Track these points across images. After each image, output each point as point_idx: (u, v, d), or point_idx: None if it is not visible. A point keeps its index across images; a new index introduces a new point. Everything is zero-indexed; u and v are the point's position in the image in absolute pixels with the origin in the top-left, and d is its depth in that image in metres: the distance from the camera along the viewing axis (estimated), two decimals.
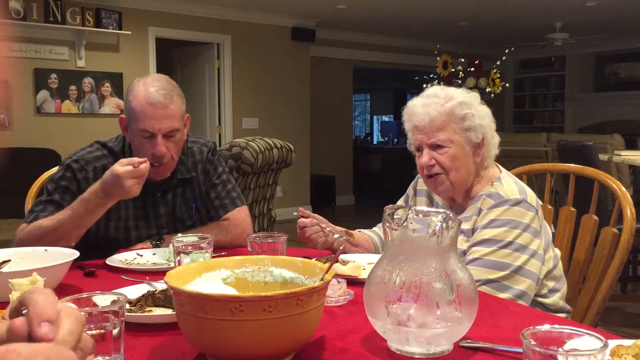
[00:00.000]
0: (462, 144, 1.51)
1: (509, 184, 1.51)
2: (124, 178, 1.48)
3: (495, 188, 1.50)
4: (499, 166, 1.61)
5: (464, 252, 1.46)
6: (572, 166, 1.83)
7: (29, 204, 1.98)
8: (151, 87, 1.68)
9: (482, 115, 1.52)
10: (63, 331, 0.54)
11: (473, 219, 1.49)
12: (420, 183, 1.73)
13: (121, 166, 1.49)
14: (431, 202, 1.68)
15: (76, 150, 1.81)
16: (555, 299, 1.50)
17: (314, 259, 1.10)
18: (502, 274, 1.38)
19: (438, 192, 1.61)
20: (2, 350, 0.46)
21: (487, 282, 1.38)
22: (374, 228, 1.83)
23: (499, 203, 1.45)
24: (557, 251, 1.56)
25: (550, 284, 1.50)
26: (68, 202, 1.70)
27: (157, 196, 1.82)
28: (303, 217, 1.62)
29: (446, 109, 1.49)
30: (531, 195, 1.49)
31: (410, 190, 1.77)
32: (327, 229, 1.60)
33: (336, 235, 1.59)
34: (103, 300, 0.91)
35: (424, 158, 1.53)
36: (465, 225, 1.50)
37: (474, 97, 1.55)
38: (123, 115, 1.76)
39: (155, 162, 1.70)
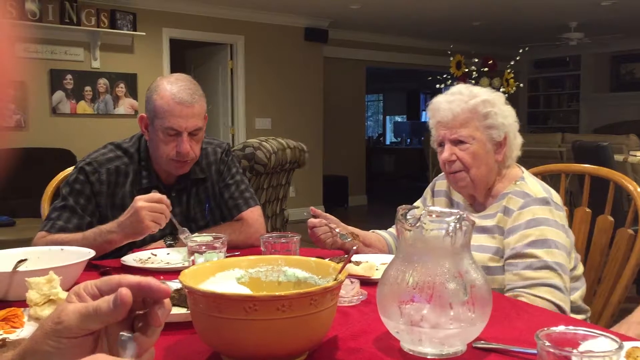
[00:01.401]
0: (483, 142, 1.51)
1: (534, 184, 1.52)
2: (141, 209, 1.50)
3: (520, 187, 1.50)
4: (521, 167, 1.61)
5: (497, 250, 1.47)
6: (587, 167, 1.82)
7: (45, 203, 2.00)
8: (177, 86, 1.70)
9: (505, 115, 1.53)
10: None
11: (498, 216, 1.49)
12: (438, 185, 1.74)
13: (141, 201, 1.51)
14: (451, 203, 1.68)
15: (90, 153, 1.83)
16: (575, 297, 1.50)
17: (327, 259, 1.10)
18: (556, 273, 1.40)
19: (458, 189, 1.61)
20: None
21: (549, 285, 1.38)
22: (390, 229, 1.83)
23: (530, 202, 1.46)
24: (577, 254, 1.56)
25: (571, 282, 1.50)
26: (82, 206, 1.73)
27: (172, 196, 1.83)
28: (314, 216, 1.63)
29: (469, 106, 1.50)
30: (556, 195, 1.51)
31: (427, 192, 1.77)
32: (337, 229, 1.61)
33: (343, 237, 1.60)
34: None
35: (445, 153, 1.54)
36: (488, 222, 1.51)
37: (499, 96, 1.56)
38: (144, 114, 1.77)
39: (180, 159, 1.73)
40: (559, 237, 1.43)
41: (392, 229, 1.82)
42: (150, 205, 1.51)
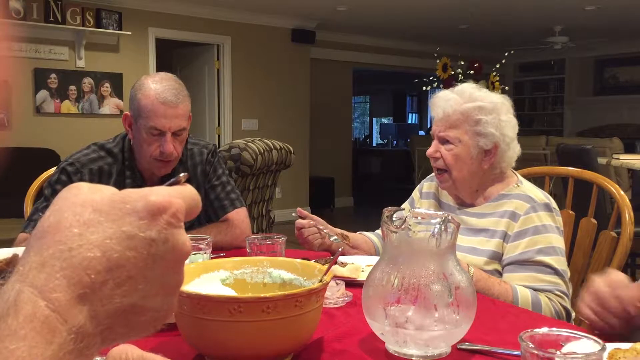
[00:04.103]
0: (469, 146, 1.51)
1: (532, 188, 1.54)
2: None
3: (522, 190, 1.51)
4: (514, 171, 1.62)
5: (494, 254, 1.48)
6: (571, 169, 1.84)
7: (28, 203, 1.98)
8: (162, 86, 1.69)
9: (500, 125, 1.51)
10: None
11: (504, 221, 1.49)
12: (426, 186, 1.75)
13: None
14: (439, 205, 1.68)
15: (73, 153, 1.81)
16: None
17: (312, 261, 1.10)
18: (563, 281, 1.44)
19: (442, 188, 1.63)
20: None
21: (560, 291, 1.42)
22: (377, 231, 1.83)
23: (536, 207, 1.47)
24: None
25: None
26: None
27: None
28: (301, 217, 1.62)
29: (462, 109, 1.51)
30: (551, 198, 1.52)
31: (415, 194, 1.78)
32: (325, 230, 1.60)
33: (332, 238, 1.60)
34: None
35: (431, 148, 1.57)
36: (484, 223, 1.51)
37: (502, 105, 1.54)
38: (128, 112, 1.76)
39: (163, 159, 1.72)
40: (561, 243, 1.46)
41: (379, 231, 1.82)
42: None
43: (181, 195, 0.42)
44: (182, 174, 0.45)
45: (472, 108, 1.50)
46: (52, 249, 0.37)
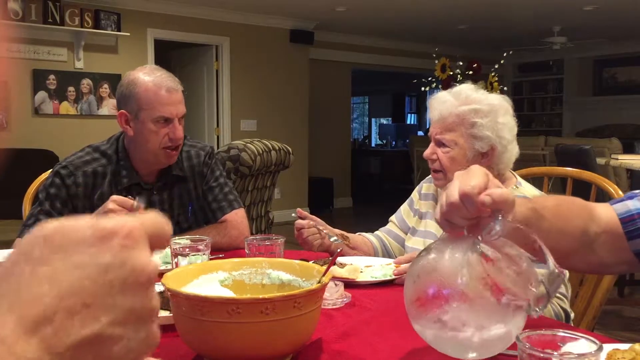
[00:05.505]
0: (465, 149, 1.51)
1: (531, 189, 1.54)
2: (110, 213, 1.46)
3: (520, 192, 1.51)
4: (513, 172, 1.62)
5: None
6: (569, 170, 1.84)
7: (26, 205, 1.98)
8: (157, 76, 1.71)
9: (496, 128, 1.50)
10: None
11: None
12: (425, 187, 1.75)
13: (112, 203, 1.47)
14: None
15: (67, 156, 1.82)
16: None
17: (311, 262, 1.10)
18: (563, 282, 1.42)
19: (437, 185, 1.65)
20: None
21: (560, 293, 1.40)
22: (376, 232, 1.83)
23: None
24: None
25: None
26: (58, 209, 1.72)
27: (154, 195, 1.82)
28: (301, 218, 1.62)
29: (458, 112, 1.50)
30: None
31: (415, 195, 1.78)
32: (324, 231, 1.60)
33: (333, 239, 1.59)
34: None
35: (428, 150, 1.57)
36: None
37: (500, 107, 1.52)
38: (123, 111, 1.75)
39: (173, 144, 1.74)
40: None
41: (379, 232, 1.82)
42: (122, 210, 1.47)
43: (139, 220, 0.41)
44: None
45: (468, 111, 1.49)
46: (2, 289, 0.38)
